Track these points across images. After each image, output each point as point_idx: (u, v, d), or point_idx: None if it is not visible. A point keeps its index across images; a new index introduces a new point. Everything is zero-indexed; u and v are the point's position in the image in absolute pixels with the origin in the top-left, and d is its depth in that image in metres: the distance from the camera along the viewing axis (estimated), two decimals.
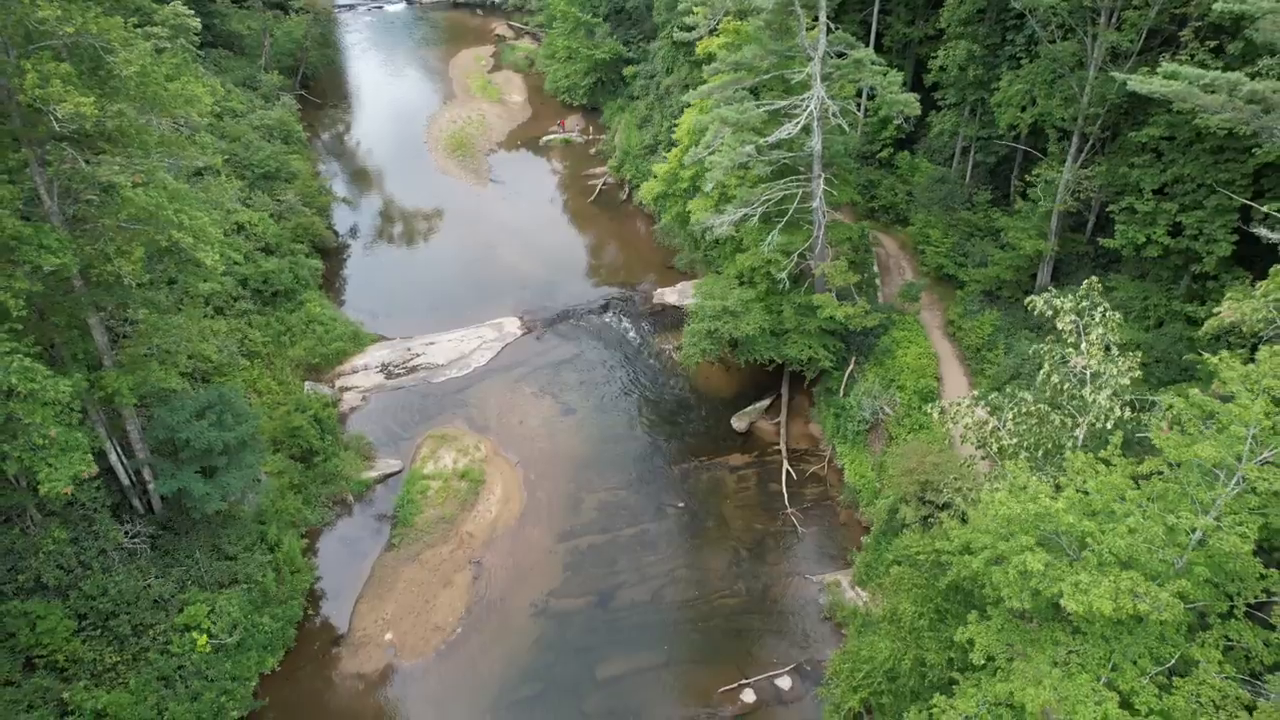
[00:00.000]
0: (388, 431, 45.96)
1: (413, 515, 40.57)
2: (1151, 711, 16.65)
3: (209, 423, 32.82)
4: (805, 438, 45.48)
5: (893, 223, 56.02)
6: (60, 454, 25.65)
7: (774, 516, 40.87)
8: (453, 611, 36.55)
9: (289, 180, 61.00)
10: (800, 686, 33.63)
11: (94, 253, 26.61)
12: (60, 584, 30.03)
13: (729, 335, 42.74)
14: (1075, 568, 17.29)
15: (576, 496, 42.09)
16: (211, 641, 32.37)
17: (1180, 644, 17.31)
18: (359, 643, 35.47)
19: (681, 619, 36.42)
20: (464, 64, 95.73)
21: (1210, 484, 16.95)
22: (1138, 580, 16.29)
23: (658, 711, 32.89)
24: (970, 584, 21.61)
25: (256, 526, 36.96)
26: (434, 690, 33.81)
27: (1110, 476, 18.27)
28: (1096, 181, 38.42)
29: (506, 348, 51.85)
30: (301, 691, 33.82)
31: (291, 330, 50.08)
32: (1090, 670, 17.32)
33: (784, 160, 40.83)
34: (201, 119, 28.15)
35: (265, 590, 35.06)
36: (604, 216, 66.43)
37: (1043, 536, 18.30)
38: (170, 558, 33.70)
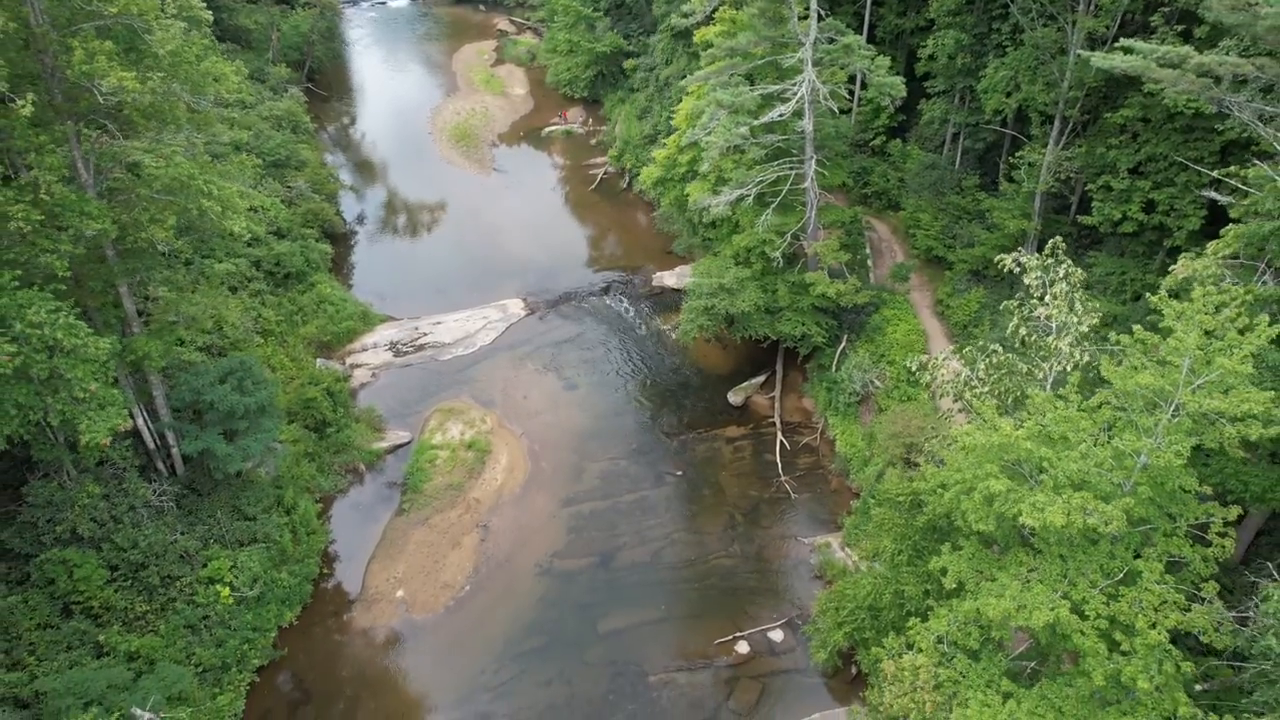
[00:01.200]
0: (397, 406, 47.74)
1: (422, 482, 42.37)
2: (1099, 616, 18.42)
3: (231, 387, 34.63)
4: (799, 411, 47.28)
5: (885, 208, 57.76)
6: (99, 409, 27.42)
7: (768, 484, 42.68)
8: (461, 571, 38.35)
9: (298, 168, 62.78)
10: (792, 639, 35.43)
11: (129, 220, 28.37)
12: (94, 536, 31.82)
13: (725, 311, 44.52)
14: (1034, 491, 19.07)
15: (579, 465, 43.89)
16: (234, 594, 34.18)
17: (1128, 560, 19.09)
18: (372, 599, 37.28)
19: (679, 578, 38.23)
20: (467, 58, 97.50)
21: (1152, 411, 18.74)
22: (1088, 499, 18.07)
23: (657, 662, 34.70)
24: (944, 521, 23.40)
25: (274, 490, 38.72)
26: (444, 642, 35.60)
27: (1066, 410, 20.05)
28: (1076, 162, 40.19)
29: (510, 327, 53.64)
30: (318, 643, 35.64)
31: (303, 310, 51.89)
32: (1048, 584, 19.09)
33: (777, 144, 42.62)
34: (230, 95, 29.86)
35: (283, 549, 36.87)
36: (604, 204, 68.21)
37: (1006, 466, 20.07)
38: (194, 516, 35.48)
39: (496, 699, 33.55)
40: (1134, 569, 18.89)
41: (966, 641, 20.62)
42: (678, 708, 33.19)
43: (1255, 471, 23.52)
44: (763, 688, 33.90)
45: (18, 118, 24.76)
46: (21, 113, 22.60)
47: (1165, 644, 17.85)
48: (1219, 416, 17.90)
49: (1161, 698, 17.79)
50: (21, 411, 26.50)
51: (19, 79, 25.05)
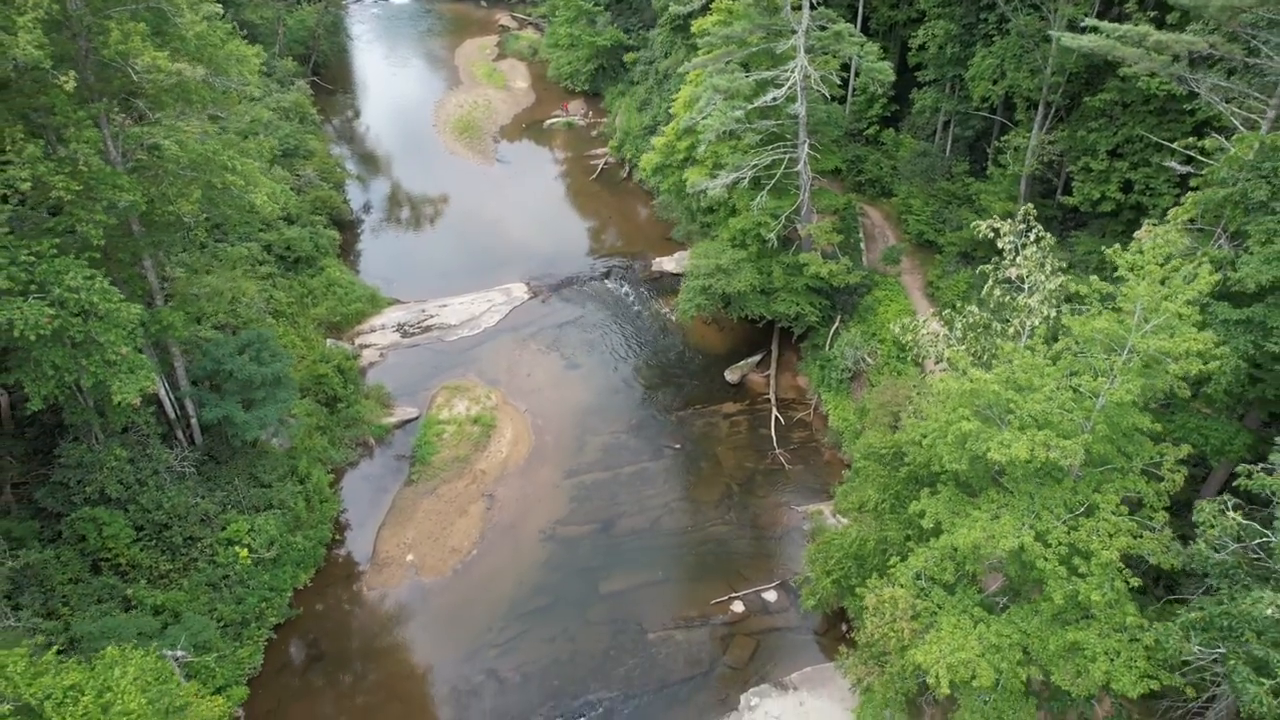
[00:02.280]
0: (404, 384, 49.34)
1: (430, 455, 44.01)
2: (1060, 543, 20.03)
3: (249, 358, 36.30)
4: (793, 389, 48.93)
5: (878, 195, 59.39)
6: (129, 372, 29.08)
7: (763, 456, 44.33)
8: (468, 537, 40.00)
9: (306, 157, 64.40)
10: (785, 599, 37.10)
11: (156, 194, 30.01)
12: (121, 497, 33.45)
13: (722, 291, 46.15)
14: (1001, 431, 20.69)
15: (581, 439, 45.53)
16: (252, 556, 35.83)
17: (1088, 495, 20.72)
18: (382, 563, 38.92)
19: (677, 543, 39.88)
20: (469, 53, 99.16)
21: (1108, 354, 20.36)
22: (1050, 436, 19.69)
23: (655, 620, 36.35)
24: (924, 471, 25.03)
25: (288, 460, 40.38)
26: (452, 603, 37.24)
27: (1033, 359, 21.66)
28: (1059, 146, 41.85)
29: (514, 310, 55.29)
30: (332, 604, 37.28)
31: (313, 293, 53.53)
32: (1015, 517, 20.70)
33: (772, 129, 44.28)
34: (251, 75, 31.48)
35: (297, 515, 38.52)
36: (605, 193, 69.85)
37: (977, 410, 21.69)
38: (213, 482, 37.12)
39: (502, 654, 35.18)
40: (1093, 503, 20.50)
41: (942, 576, 22.25)
42: (676, 662, 34.84)
43: (1215, 426, 25.17)
44: (757, 644, 35.56)
45: (58, 95, 26.42)
46: (65, 88, 24.19)
47: (1117, 563, 19.48)
48: (1165, 356, 19.54)
49: (1113, 612, 19.41)
50: (58, 373, 28.18)
51: (58, 61, 26.66)
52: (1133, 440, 20.97)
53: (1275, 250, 21.08)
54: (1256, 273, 21.14)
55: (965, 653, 20.06)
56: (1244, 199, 22.92)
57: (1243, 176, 23.03)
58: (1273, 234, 21.51)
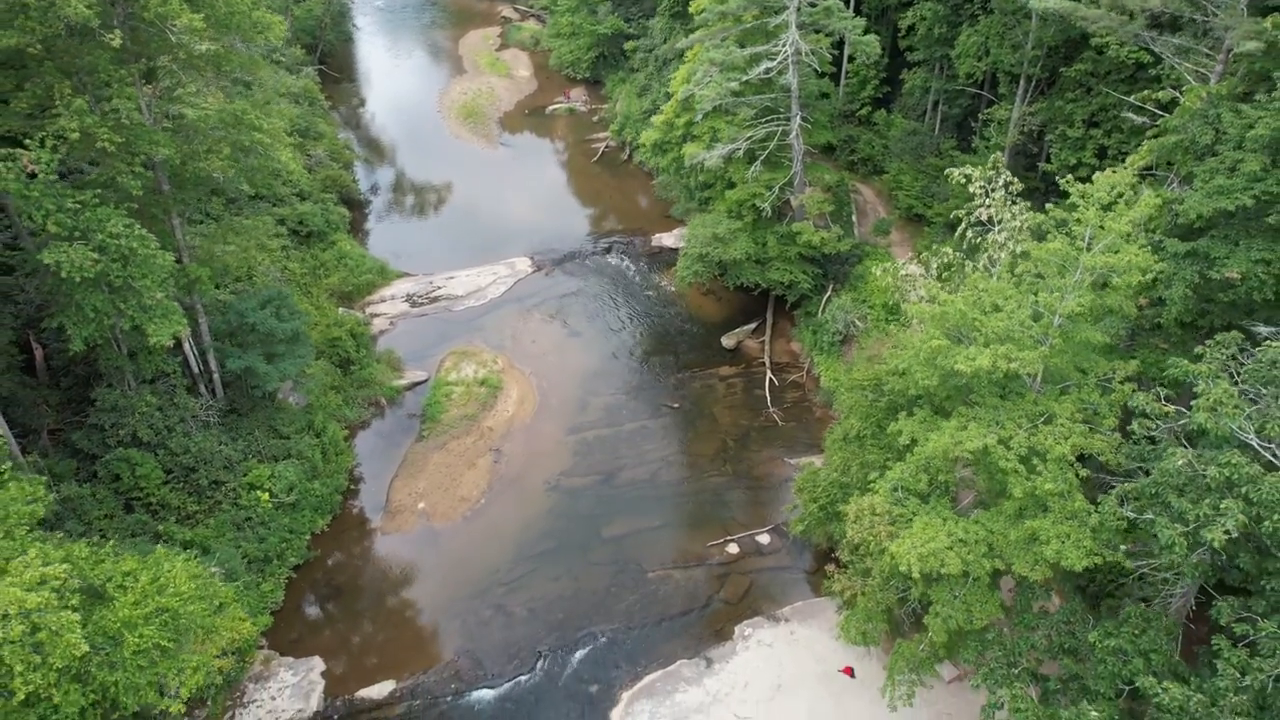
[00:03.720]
0: (414, 350, 51.44)
1: (439, 414, 46.13)
2: (1021, 445, 22.11)
3: (270, 313, 38.38)
4: (787, 353, 51.07)
5: (870, 174, 61.50)
6: (162, 316, 31.25)
7: (758, 414, 46.47)
8: (476, 487, 42.11)
9: (316, 139, 66.52)
10: (778, 541, 39.24)
11: (188, 151, 32.13)
12: (151, 441, 35.54)
13: (718, 259, 48.27)
14: (968, 347, 22.78)
15: (583, 400, 47.66)
16: (272, 500, 37.91)
17: (1047, 406, 22.82)
18: (395, 510, 41.03)
19: (676, 493, 42.01)
20: (472, 43, 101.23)
21: (1062, 274, 22.43)
22: (1011, 350, 21.77)
23: (655, 561, 38.47)
24: (902, 399, 27.13)
25: (304, 415, 42.45)
26: (461, 546, 39.35)
27: (997, 283, 23.73)
28: (1039, 117, 43.97)
29: (519, 282, 57.41)
30: (347, 547, 39.41)
31: (325, 265, 55.62)
32: (981, 425, 22.79)
33: (766, 103, 46.42)
34: (277, 42, 33.51)
35: (314, 465, 40.59)
36: (606, 175, 71.96)
37: (947, 332, 23.77)
38: (235, 432, 39.19)
39: (510, 592, 37.28)
40: (1052, 412, 22.57)
41: (917, 486, 24.31)
42: (674, 598, 36.96)
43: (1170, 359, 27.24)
44: (751, 582, 37.68)
45: (101, 56, 28.54)
46: (112, 44, 26.29)
47: (1069, 458, 21.54)
48: (1111, 271, 21.62)
49: (1065, 502, 21.44)
50: (98, 315, 30.28)
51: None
52: (1087, 357, 23.04)
53: (1216, 185, 23.15)
54: (1199, 205, 23.21)
55: (935, 544, 22.10)
56: (1193, 144, 24.99)
57: (1192, 125, 25.11)
58: (1215, 172, 23.57)
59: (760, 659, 34.00)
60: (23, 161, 26.86)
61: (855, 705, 31.92)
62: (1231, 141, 23.16)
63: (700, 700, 32.84)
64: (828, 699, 32.23)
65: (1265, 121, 22.20)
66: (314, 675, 34.11)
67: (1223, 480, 16.87)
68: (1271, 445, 17.17)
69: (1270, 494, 16.31)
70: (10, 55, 26.36)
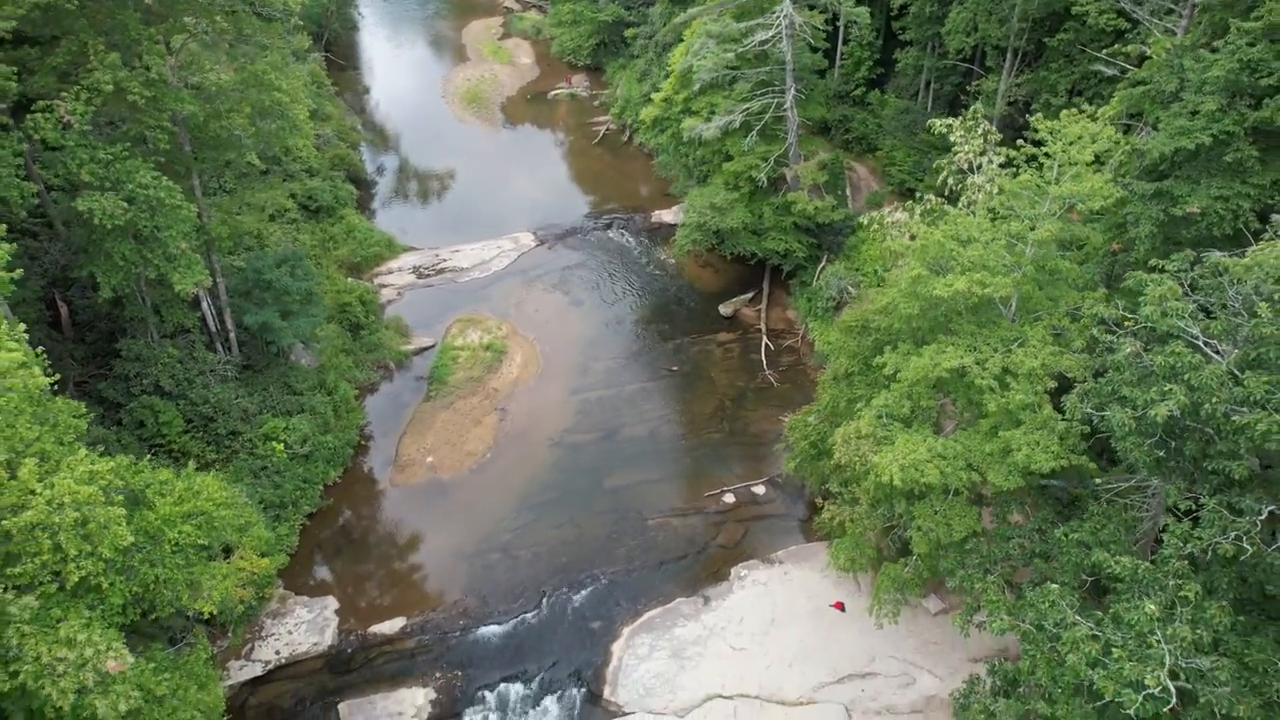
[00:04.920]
0: (421, 317, 53.04)
1: (446, 376, 47.77)
2: (996, 365, 23.72)
3: (285, 271, 40.02)
4: (783, 321, 52.71)
5: (864, 152, 63.11)
6: (186, 266, 32.94)
7: (754, 377, 48.12)
8: (483, 442, 43.75)
9: (325, 120, 68.20)
10: (772, 492, 40.87)
11: (210, 111, 33.77)
12: (173, 391, 37.16)
13: (715, 228, 49.92)
14: (946, 276, 24.43)
15: (585, 364, 49.29)
16: (287, 451, 39.52)
17: (1021, 332, 24.44)
18: (404, 464, 42.66)
19: (675, 448, 43.65)
20: (475, 32, 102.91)
21: (1032, 203, 24.04)
22: (986, 277, 23.40)
23: (654, 510, 40.10)
24: (886, 338, 28.77)
25: (317, 374, 44.08)
26: (468, 497, 40.99)
27: (974, 219, 25.36)
28: (1025, 89, 45.64)
29: (522, 255, 59.04)
30: (359, 497, 41.06)
31: (334, 238, 57.30)
32: (958, 349, 24.42)
33: (761, 76, 48.09)
34: (295, 6, 35.18)
35: (326, 420, 42.21)
36: (607, 155, 73.60)
37: (928, 264, 25.40)
38: (250, 387, 40.79)
39: (515, 537, 38.92)
40: (1025, 336, 24.18)
41: (900, 412, 25.92)
42: (673, 543, 38.59)
43: None
44: (746, 529, 39.31)
45: (131, 16, 30.20)
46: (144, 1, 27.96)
47: (1039, 372, 23.13)
48: (1076, 198, 23.24)
49: (1035, 415, 23.02)
50: (126, 264, 31.94)
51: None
52: (1058, 286, 24.67)
53: (1178, 126, 24.76)
54: (1162, 145, 24.79)
55: (915, 457, 23.67)
56: (1159, 94, 26.61)
57: (1159, 75, 26.74)
58: (1177, 116, 25.17)
59: (755, 596, 35.63)
60: (59, 112, 28.51)
61: (846, 636, 33.56)
62: (1193, 86, 24.77)
63: (698, 634, 34.47)
64: (819, 631, 33.86)
65: (1220, 64, 23.82)
66: (328, 613, 35.76)
67: (1167, 368, 18.44)
68: (1214, 341, 18.75)
69: (1209, 379, 17.88)
70: (47, 9, 27.94)
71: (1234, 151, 24.01)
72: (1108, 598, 19.28)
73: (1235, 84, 24.05)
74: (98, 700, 19.87)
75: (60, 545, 19.48)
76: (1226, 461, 17.97)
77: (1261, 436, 16.80)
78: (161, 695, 22.40)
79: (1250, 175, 24.22)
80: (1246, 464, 17.79)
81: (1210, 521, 17.72)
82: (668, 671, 33.25)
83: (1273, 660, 17.40)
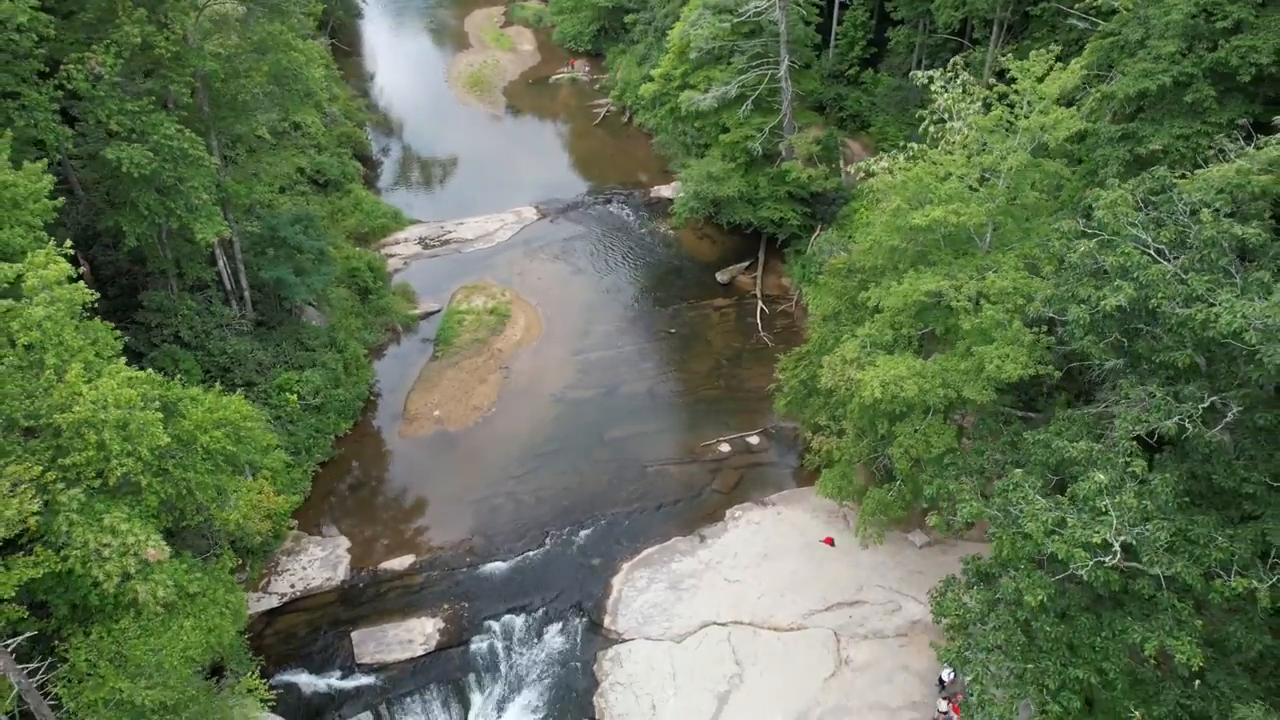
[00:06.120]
0: (427, 285, 54.77)
1: (452, 337, 49.48)
2: (970, 290, 25.42)
3: (299, 229, 41.73)
4: (778, 287, 54.41)
5: (858, 129, 64.73)
6: (207, 217, 34.67)
7: (749, 338, 49.83)
8: (487, 398, 45.46)
9: (332, 99, 69.91)
10: (766, 443, 42.59)
11: (229, 70, 35.47)
12: (192, 342, 38.88)
13: (712, 195, 51.62)
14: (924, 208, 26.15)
15: (586, 327, 51.01)
16: (300, 401, 41.23)
17: (996, 261, 26.17)
18: (412, 417, 44.36)
19: (673, 404, 45.35)
20: (477, 20, 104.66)
21: (1005, 137, 25.74)
22: (961, 207, 25.09)
23: (653, 458, 41.80)
24: (871, 275, 30.48)
25: (327, 333, 45.77)
26: (475, 446, 42.69)
27: (951, 156, 27.04)
28: (1011, 60, 47.21)
29: (525, 228, 60.76)
30: (368, 447, 42.79)
31: (342, 210, 59.03)
32: (936, 275, 26.12)
33: (757, 49, 49.80)
34: None
35: (337, 376, 43.91)
36: (607, 136, 75.32)
37: (907, 199, 27.11)
38: (265, 342, 42.48)
39: (520, 483, 40.61)
40: (999, 264, 25.89)
41: (883, 340, 27.61)
42: (670, 488, 40.29)
43: None
44: (741, 476, 41.01)
45: None
46: None
47: (1009, 292, 24.79)
48: (1044, 129, 24.92)
49: (1006, 331, 24.65)
50: (151, 214, 33.65)
51: None
52: (1028, 211, 26.39)
53: (1141, 69, 26.44)
54: (1127, 86, 26.50)
55: (896, 374, 25.31)
56: (1126, 44, 28.30)
57: (1126, 27, 28.43)
58: (1141, 60, 26.84)
59: (749, 534, 37.33)
60: (90, 64, 30.21)
61: (835, 568, 35.25)
62: (1155, 32, 26.46)
63: (694, 568, 36.17)
64: (810, 564, 35.55)
65: (1179, 8, 25.50)
66: (340, 551, 37.46)
67: (1118, 267, 20.09)
68: (1163, 247, 20.37)
69: (1156, 276, 19.52)
70: None
71: (1193, 92, 25.69)
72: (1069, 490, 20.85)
73: (1193, 28, 25.73)
74: (138, 585, 21.58)
75: (104, 443, 21.15)
76: (1172, 353, 19.62)
77: (1201, 325, 18.44)
78: (193, 592, 24.10)
79: (1209, 115, 25.91)
80: (1190, 354, 19.44)
81: (1157, 407, 19.37)
82: (665, 602, 34.93)
83: (1212, 535, 19.03)
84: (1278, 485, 19.23)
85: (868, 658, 32.50)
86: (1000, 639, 20.91)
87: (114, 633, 21.40)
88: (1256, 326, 17.23)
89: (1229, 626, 19.69)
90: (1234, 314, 17.36)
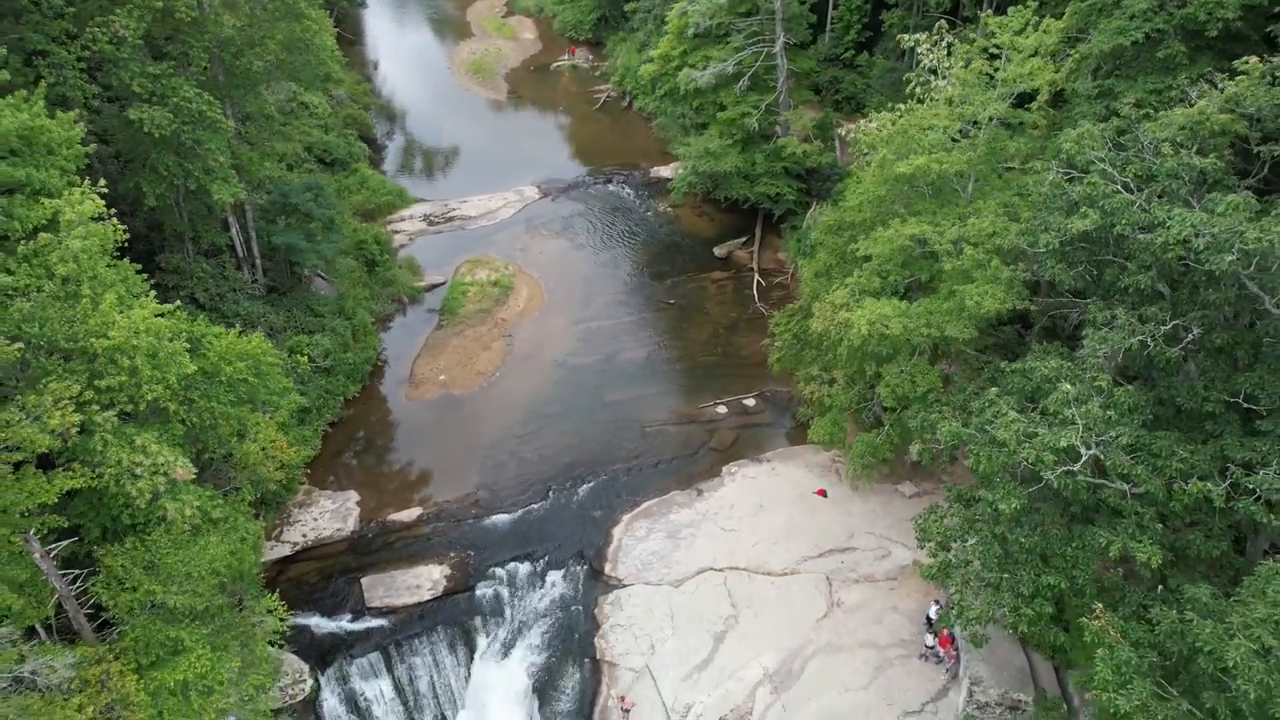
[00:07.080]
0: (432, 259, 56.15)
1: (456, 307, 50.88)
2: (952, 234, 26.80)
3: (310, 197, 43.11)
4: (774, 261, 55.81)
5: (854, 111, 66.06)
6: (223, 179, 36.06)
7: (746, 309, 51.24)
8: (491, 363, 46.83)
9: (337, 82, 71.37)
10: (762, 405, 43.96)
11: (244, 39, 36.88)
12: (206, 304, 40.23)
13: (710, 171, 53.01)
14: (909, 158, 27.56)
15: (587, 299, 52.39)
16: (310, 363, 42.42)
17: (976, 208, 27.58)
18: (419, 382, 45.75)
19: (671, 369, 46.74)
20: (479, 10, 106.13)
21: (984, 90, 27.11)
22: (943, 155, 26.48)
23: (651, 419, 43.18)
24: (860, 230, 31.88)
25: (336, 300, 47.16)
26: (479, 408, 44.07)
27: (936, 110, 28.44)
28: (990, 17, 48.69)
29: (527, 206, 62.17)
30: (376, 409, 44.17)
31: (348, 188, 60.37)
32: (920, 222, 27.53)
33: (753, 27, 51.23)
34: None
35: (346, 341, 45.27)
36: (608, 120, 76.75)
37: (893, 150, 28.52)
38: (276, 307, 43.87)
39: (523, 443, 41.98)
40: (979, 210, 27.29)
41: (870, 285, 28.99)
42: (669, 446, 41.66)
43: None
44: (737, 435, 42.37)
45: None
46: None
47: (990, 233, 26.18)
48: (1020, 80, 26.32)
49: (985, 271, 26.04)
50: (169, 175, 35.03)
51: None
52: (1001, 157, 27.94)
53: (1115, 27, 27.84)
54: (1102, 43, 27.91)
55: (882, 313, 26.69)
56: (1104, 6, 29.72)
57: None
58: (1115, 19, 28.24)
59: (744, 487, 38.70)
60: (114, 26, 31.59)
61: (827, 518, 36.62)
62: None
63: (691, 519, 37.55)
64: (803, 514, 36.92)
65: None
66: (350, 504, 38.82)
67: (1085, 196, 21.47)
68: (1128, 180, 21.74)
69: (1120, 204, 20.89)
70: None
71: (1165, 48, 27.07)
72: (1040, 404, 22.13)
73: None
74: (168, 503, 22.94)
75: (136, 368, 22.51)
76: (1136, 277, 21.00)
77: (1161, 248, 19.81)
78: (216, 519, 25.46)
79: (1179, 70, 27.29)
80: (1152, 278, 20.81)
81: (1121, 327, 20.74)
82: (663, 550, 36.31)
83: (1174, 449, 20.39)
84: (1235, 401, 20.59)
85: (858, 600, 33.86)
86: (979, 551, 22.28)
87: (146, 543, 22.76)
88: (1204, 235, 18.59)
89: (1189, 535, 21.05)
90: (1183, 224, 18.74)
